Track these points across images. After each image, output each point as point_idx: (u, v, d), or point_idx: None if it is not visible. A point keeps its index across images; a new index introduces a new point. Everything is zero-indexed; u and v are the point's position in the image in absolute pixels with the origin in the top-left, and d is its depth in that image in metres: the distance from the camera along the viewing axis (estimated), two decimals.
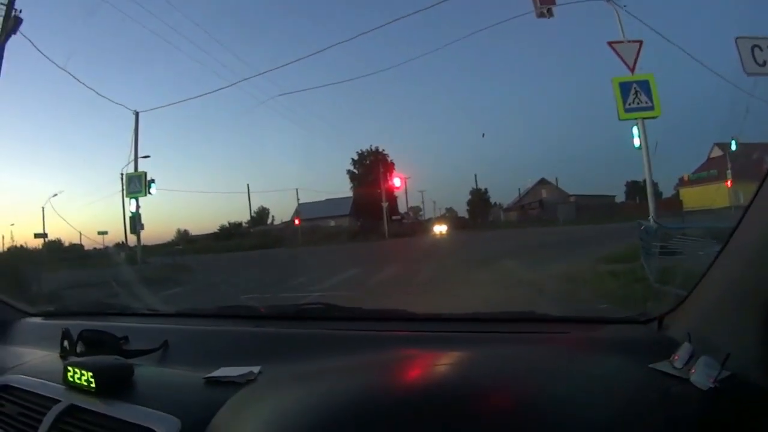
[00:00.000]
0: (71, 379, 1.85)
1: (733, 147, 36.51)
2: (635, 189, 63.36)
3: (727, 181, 44.63)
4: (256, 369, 1.87)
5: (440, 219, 71.13)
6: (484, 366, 1.79)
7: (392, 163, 70.18)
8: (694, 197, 56.96)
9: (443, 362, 1.88)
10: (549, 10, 14.39)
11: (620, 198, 76.72)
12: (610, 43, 13.81)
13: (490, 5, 63.30)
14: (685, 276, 8.09)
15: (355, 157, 75.38)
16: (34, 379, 2.05)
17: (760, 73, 11.88)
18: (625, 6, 14.73)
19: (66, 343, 2.29)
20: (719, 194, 46.51)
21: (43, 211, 45.99)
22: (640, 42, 13.76)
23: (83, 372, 1.82)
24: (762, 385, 1.34)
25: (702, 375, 1.38)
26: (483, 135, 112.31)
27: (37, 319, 3.20)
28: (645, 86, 13.03)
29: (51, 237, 47.21)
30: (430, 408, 1.39)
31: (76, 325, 2.48)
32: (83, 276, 18.11)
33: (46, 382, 1.98)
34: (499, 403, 1.42)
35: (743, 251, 1.46)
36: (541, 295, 10.34)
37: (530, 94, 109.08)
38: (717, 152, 56.54)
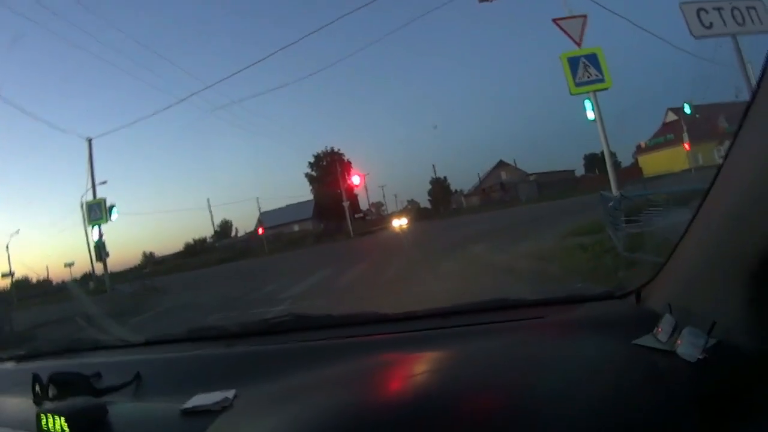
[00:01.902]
0: (45, 427, 1.77)
1: (687, 110, 37.30)
2: (594, 161, 64.58)
3: (684, 144, 45.53)
4: (230, 393, 1.79)
5: (399, 213, 71.85)
6: (464, 364, 1.74)
7: (349, 162, 70.90)
8: (653, 163, 58.10)
9: (421, 365, 1.82)
10: None
11: (580, 171, 78.30)
12: (554, 20, 13.89)
13: None
14: (655, 242, 8.20)
15: (312, 160, 75.83)
16: (8, 429, 1.97)
17: (707, 35, 12.08)
18: None
19: (37, 387, 2.20)
20: (678, 158, 47.56)
21: (7, 249, 45.52)
22: (584, 16, 13.88)
23: (56, 418, 1.74)
24: (750, 348, 1.29)
25: (688, 346, 1.34)
26: (435, 126, 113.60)
27: (9, 364, 3.09)
28: (593, 59, 13.14)
29: (18, 275, 46.85)
30: (413, 418, 1.33)
31: (47, 366, 2.41)
32: (53, 312, 17.94)
33: (21, 431, 1.91)
34: (483, 402, 1.37)
35: (718, 214, 1.42)
36: (513, 276, 10.39)
37: (480, 78, 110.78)
38: (671, 117, 57.74)
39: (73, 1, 55.73)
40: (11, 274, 43.55)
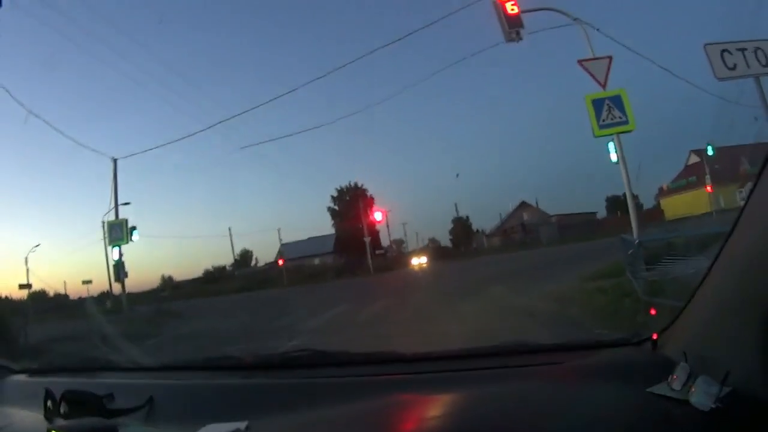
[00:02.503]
0: None
1: (710, 152, 37.02)
2: (616, 203, 64.05)
3: (706, 187, 45.12)
4: (242, 425, 1.79)
5: (420, 251, 71.37)
6: (480, 408, 1.73)
7: (372, 198, 70.64)
8: (675, 206, 57.59)
9: (436, 408, 1.82)
10: (518, 33, 14.45)
11: (602, 214, 77.67)
12: (580, 62, 13.89)
13: (460, 37, 64.06)
14: (673, 288, 8.12)
15: (335, 194, 75.83)
16: None
17: (731, 77, 12.01)
18: (598, 29, 14.86)
19: (49, 403, 2.20)
20: (700, 200, 47.10)
21: (26, 261, 45.87)
22: (610, 57, 13.86)
23: None
24: (764, 398, 1.28)
25: (702, 395, 1.34)
26: (457, 175, 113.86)
27: (21, 377, 3.12)
28: (617, 101, 13.09)
29: (36, 287, 47.02)
30: None
31: (60, 383, 2.40)
32: (68, 328, 17.86)
33: None
34: None
35: (737, 261, 1.41)
36: (531, 319, 10.30)
37: (504, 117, 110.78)
38: (694, 159, 57.35)
39: (108, 23, 56.77)
40: (29, 286, 43.79)
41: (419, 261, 59.21)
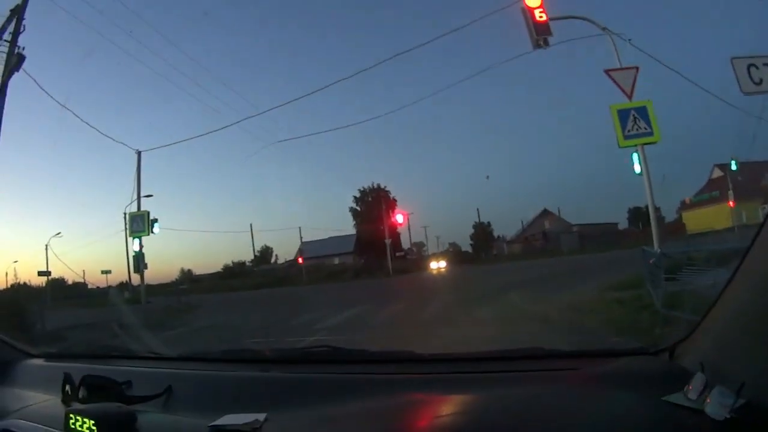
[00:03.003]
0: (73, 427, 1.81)
1: (734, 167, 36.63)
2: (638, 215, 63.47)
3: (729, 202, 44.64)
4: (261, 416, 1.81)
5: (438, 255, 70.98)
6: (495, 409, 1.75)
7: (394, 200, 70.57)
8: (697, 220, 56.93)
9: (452, 407, 1.84)
10: (545, 40, 14.40)
11: (623, 225, 77.00)
12: (606, 71, 13.84)
13: (488, 43, 63.79)
14: (693, 300, 8.07)
15: (357, 195, 75.74)
16: (35, 425, 2.01)
17: (757, 91, 11.92)
18: (630, 40, 14.78)
19: (68, 387, 2.24)
20: (722, 215, 46.51)
21: (46, 248, 46.31)
22: (637, 68, 13.79)
23: (85, 420, 1.78)
24: None
25: (716, 405, 1.35)
26: (487, 177, 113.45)
27: (39, 361, 3.15)
28: (643, 112, 13.02)
29: (55, 275, 47.51)
30: None
31: (79, 368, 2.45)
32: (86, 315, 18.02)
33: (48, 428, 1.94)
34: None
35: (755, 276, 1.43)
36: (549, 326, 10.27)
37: (530, 125, 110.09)
38: (717, 173, 56.74)
39: (138, 18, 57.21)
40: (48, 273, 44.24)
41: (438, 265, 58.88)
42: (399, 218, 62.22)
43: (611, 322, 9.76)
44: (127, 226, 29.12)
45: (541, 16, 14.42)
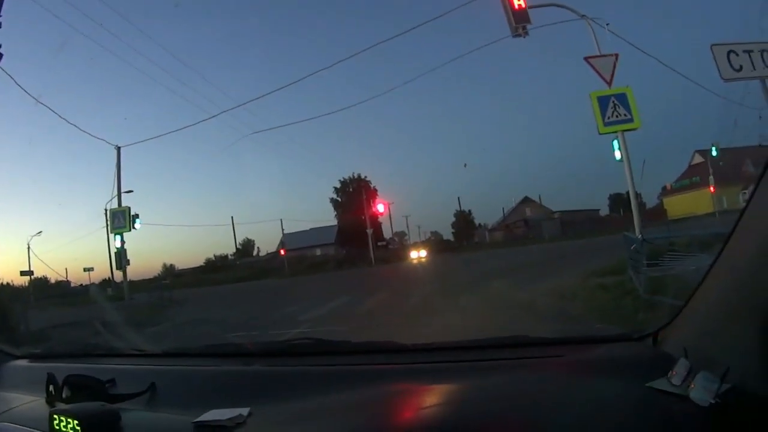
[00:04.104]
0: (57, 428, 1.79)
1: (714, 153, 36.90)
2: (619, 201, 63.93)
3: (710, 187, 45.01)
4: (245, 411, 1.81)
5: (419, 244, 70.82)
6: (479, 398, 1.75)
7: (375, 190, 70.31)
8: (678, 205, 57.30)
9: (436, 397, 1.84)
10: (524, 28, 14.46)
11: (604, 211, 77.47)
12: (586, 59, 13.90)
13: (467, 30, 63.65)
14: (675, 286, 8.14)
15: (338, 185, 75.53)
16: (20, 427, 1.99)
17: (737, 78, 12.03)
18: (608, 24, 14.85)
19: (51, 388, 2.23)
20: (703, 201, 46.95)
21: (28, 248, 45.90)
22: (616, 55, 13.87)
23: (69, 420, 1.76)
24: (763, 395, 1.30)
25: (701, 391, 1.35)
26: (465, 165, 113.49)
27: (23, 362, 3.13)
28: (623, 99, 13.10)
29: (37, 274, 47.12)
30: None
31: (62, 368, 2.43)
32: (70, 314, 17.86)
33: (33, 430, 1.93)
34: None
35: (738, 260, 1.43)
36: (533, 313, 10.30)
37: (509, 113, 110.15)
38: (698, 159, 57.11)
39: (113, 11, 56.61)
40: (30, 272, 43.88)
41: (418, 255, 58.27)
42: (380, 208, 62.03)
43: (594, 309, 9.82)
44: (109, 223, 29.04)
45: (519, 4, 14.46)
